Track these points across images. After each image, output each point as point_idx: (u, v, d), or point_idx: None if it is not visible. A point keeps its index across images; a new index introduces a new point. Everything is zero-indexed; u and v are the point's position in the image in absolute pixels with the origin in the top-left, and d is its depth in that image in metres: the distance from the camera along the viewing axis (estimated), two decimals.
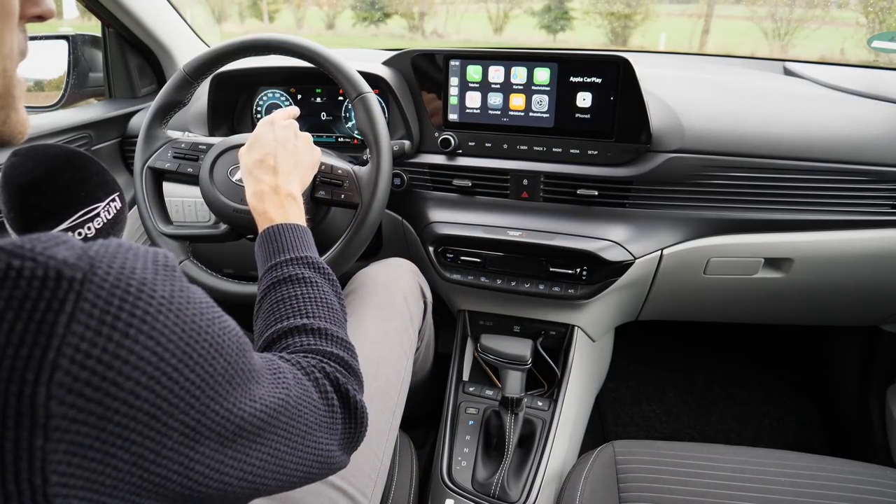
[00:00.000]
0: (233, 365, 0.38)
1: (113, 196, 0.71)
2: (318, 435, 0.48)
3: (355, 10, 10.37)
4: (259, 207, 0.71)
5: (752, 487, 0.75)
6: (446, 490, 0.93)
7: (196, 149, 0.92)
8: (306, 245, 0.67)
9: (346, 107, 1.16)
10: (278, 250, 0.65)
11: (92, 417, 0.29)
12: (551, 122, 0.99)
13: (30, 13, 0.39)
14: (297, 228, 0.68)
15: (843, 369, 1.44)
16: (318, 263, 0.65)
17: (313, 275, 0.63)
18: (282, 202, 0.71)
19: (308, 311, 0.59)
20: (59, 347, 0.28)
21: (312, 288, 0.61)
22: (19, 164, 0.65)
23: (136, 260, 0.33)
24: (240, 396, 0.39)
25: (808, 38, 6.28)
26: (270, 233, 0.67)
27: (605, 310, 1.10)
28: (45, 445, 0.28)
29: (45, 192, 0.66)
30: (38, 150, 0.67)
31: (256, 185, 0.72)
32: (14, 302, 0.28)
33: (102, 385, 0.30)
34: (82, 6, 1.18)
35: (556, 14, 9.57)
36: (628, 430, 1.49)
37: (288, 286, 0.61)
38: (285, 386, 0.45)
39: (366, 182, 0.86)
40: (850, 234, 0.97)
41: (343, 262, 0.86)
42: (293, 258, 0.63)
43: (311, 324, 0.57)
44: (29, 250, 0.29)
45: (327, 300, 0.61)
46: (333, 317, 0.60)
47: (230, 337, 0.38)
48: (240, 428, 0.39)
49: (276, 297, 0.60)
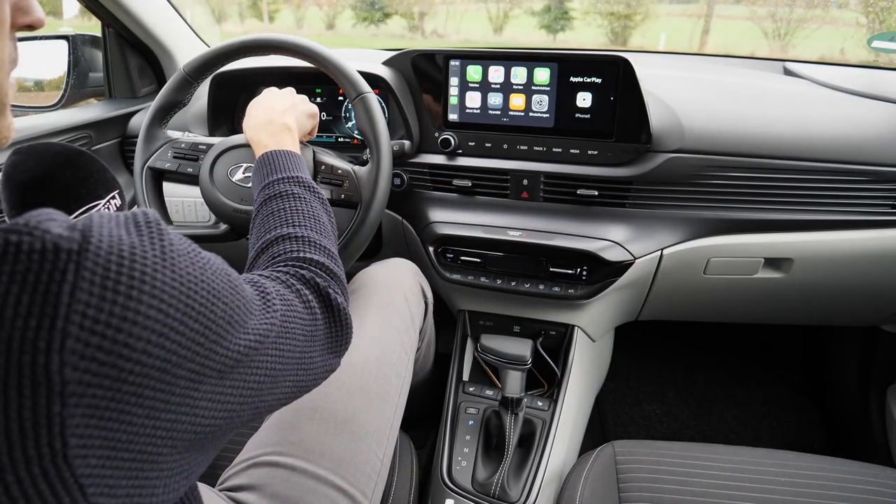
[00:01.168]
0: (230, 305, 0.39)
1: (113, 193, 0.71)
2: (303, 345, 0.50)
3: (355, 10, 10.37)
4: (255, 137, 0.78)
5: (752, 487, 0.75)
6: (446, 490, 0.93)
7: (196, 149, 0.92)
8: (298, 167, 0.71)
9: (346, 107, 1.16)
10: (271, 171, 0.69)
11: (106, 380, 0.30)
12: (551, 122, 0.99)
13: (20, 22, 0.40)
14: (289, 153, 0.73)
15: (843, 369, 1.44)
16: (306, 182, 0.69)
17: (302, 191, 0.67)
18: (275, 131, 0.77)
19: (294, 221, 0.62)
20: (66, 315, 0.29)
21: (300, 202, 0.65)
22: (20, 163, 0.66)
23: (120, 227, 0.34)
24: (236, 333, 0.40)
25: (808, 38, 6.28)
26: (265, 158, 0.72)
27: (605, 310, 1.10)
28: (63, 411, 0.29)
29: (45, 189, 0.66)
30: (39, 149, 0.67)
31: (253, 120, 0.79)
32: (17, 276, 0.29)
33: (115, 348, 0.31)
34: (82, 6, 1.18)
35: (556, 14, 9.57)
36: (628, 430, 1.49)
37: (278, 201, 0.65)
38: (272, 308, 0.47)
39: (366, 182, 0.86)
40: (850, 234, 0.97)
41: (343, 263, 0.86)
42: (284, 177, 0.68)
43: (295, 232, 0.61)
44: (24, 225, 0.30)
45: (314, 213, 0.65)
46: (318, 227, 0.64)
47: (222, 278, 0.40)
48: (237, 361, 0.40)
49: (266, 211, 0.65)
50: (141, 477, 0.33)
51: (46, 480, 0.28)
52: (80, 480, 0.29)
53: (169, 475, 0.36)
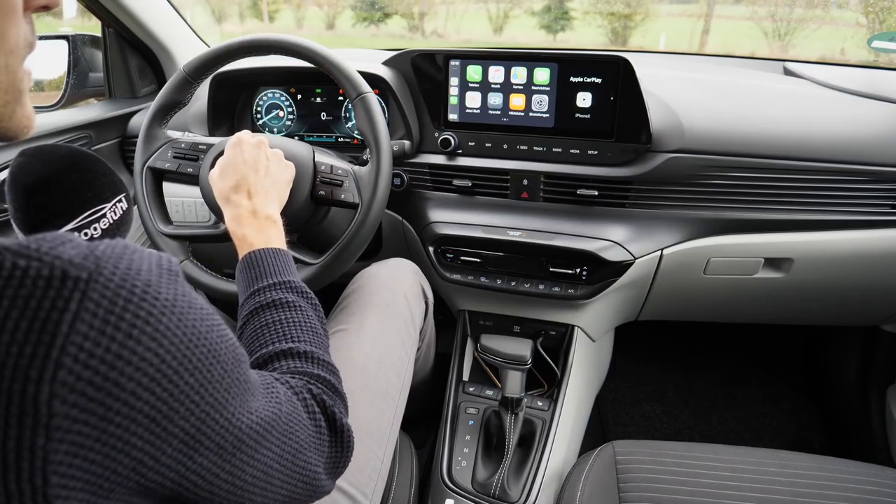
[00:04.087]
0: (230, 373, 0.38)
1: (119, 197, 0.71)
2: (308, 454, 0.48)
3: (355, 10, 10.37)
4: (238, 232, 0.70)
5: (752, 487, 0.75)
6: (446, 490, 0.93)
7: (196, 149, 0.92)
8: (288, 269, 0.66)
9: (346, 107, 1.16)
10: (260, 275, 0.64)
11: (93, 418, 0.29)
12: (551, 122, 0.99)
13: (35, 4, 0.39)
14: (278, 252, 0.68)
15: (843, 369, 1.44)
16: (300, 287, 0.65)
17: (297, 299, 0.63)
18: (261, 226, 0.70)
19: (293, 335, 0.59)
20: (62, 346, 0.28)
21: (296, 312, 0.61)
22: (26, 165, 0.66)
23: (142, 262, 0.34)
24: (238, 407, 0.39)
25: (808, 38, 6.28)
26: (251, 258, 0.66)
27: (605, 310, 1.10)
28: (47, 445, 0.28)
29: (51, 192, 0.66)
30: (46, 151, 0.67)
31: (235, 210, 0.72)
32: (19, 301, 0.28)
33: (105, 385, 0.30)
34: (82, 6, 1.18)
35: (556, 14, 9.56)
36: (628, 430, 1.49)
37: (271, 311, 0.61)
38: (277, 402, 0.46)
39: (366, 182, 0.86)
40: (850, 234, 0.97)
41: (343, 262, 0.86)
42: (275, 283, 0.63)
43: (297, 347, 0.57)
44: (35, 250, 0.29)
45: (311, 324, 0.61)
46: (317, 340, 0.60)
47: (227, 346, 0.38)
48: (237, 440, 0.39)
49: (259, 322, 0.60)
50: None
51: None
52: None
53: None
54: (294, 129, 1.19)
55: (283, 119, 1.19)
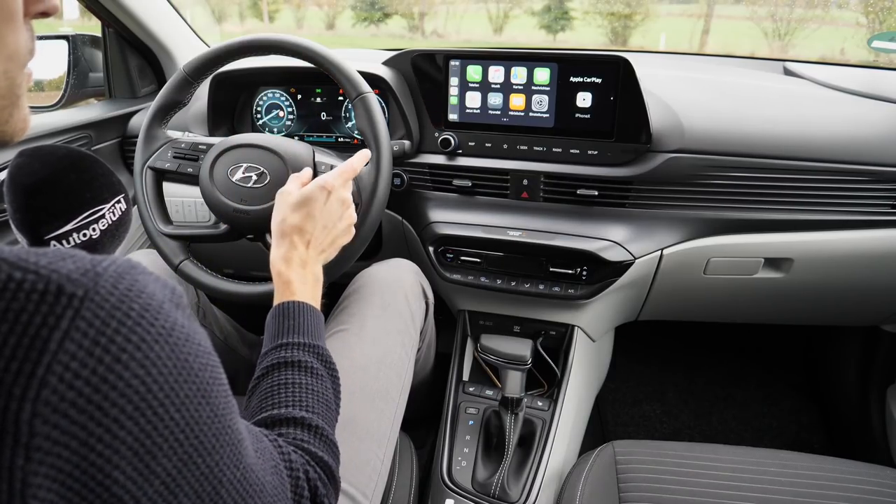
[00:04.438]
0: (219, 418, 0.36)
1: (118, 197, 0.71)
2: None
3: (355, 10, 10.38)
4: (284, 274, 0.69)
5: (752, 487, 0.75)
6: (446, 490, 0.93)
7: (196, 149, 0.92)
8: (320, 334, 0.65)
9: (346, 107, 1.16)
10: (292, 329, 0.63)
11: (74, 442, 0.28)
12: (551, 122, 0.99)
13: (34, 10, 0.38)
14: (315, 312, 0.66)
15: (843, 369, 1.44)
16: (326, 357, 0.63)
17: (320, 367, 0.61)
18: (306, 279, 0.69)
19: (308, 404, 0.57)
20: (49, 364, 0.27)
21: (317, 380, 0.60)
22: (25, 165, 0.65)
23: (146, 285, 0.32)
24: (224, 457, 0.37)
25: (808, 38, 6.28)
26: (289, 308, 0.65)
27: (605, 310, 1.10)
28: (26, 466, 0.27)
29: (50, 193, 0.66)
30: (44, 152, 0.67)
31: (289, 251, 0.70)
32: (10, 314, 0.27)
33: (87, 408, 0.28)
34: (82, 6, 1.18)
35: (556, 14, 9.57)
36: (628, 430, 1.49)
37: (293, 371, 0.59)
38: (263, 469, 0.43)
39: (366, 182, 0.86)
40: (850, 234, 0.97)
41: (343, 263, 0.86)
42: (305, 343, 0.62)
43: (310, 420, 0.56)
44: (33, 263, 0.29)
45: (327, 397, 0.60)
46: (329, 416, 0.59)
47: (220, 389, 0.37)
48: (216, 493, 0.36)
49: (279, 378, 0.59)
50: None
51: None
52: None
53: None
54: (294, 129, 1.19)
55: (283, 119, 1.19)
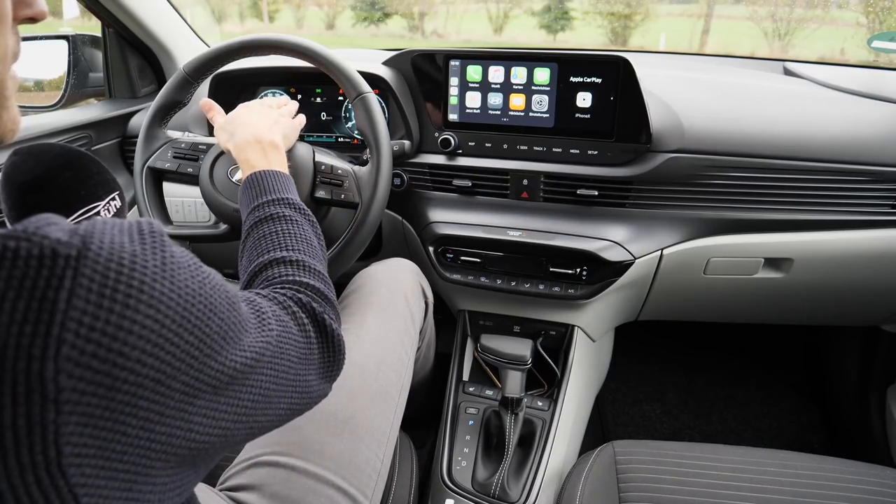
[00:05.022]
0: (225, 321, 0.39)
1: (113, 195, 0.71)
2: (298, 367, 0.50)
3: (355, 10, 10.37)
4: (242, 156, 0.75)
5: (752, 487, 0.75)
6: (446, 490, 0.93)
7: (196, 149, 0.92)
8: (287, 188, 0.70)
9: (346, 107, 1.16)
10: (261, 193, 0.68)
11: (101, 389, 0.30)
12: (551, 122, 0.99)
13: (22, 15, 0.39)
14: (278, 174, 0.72)
15: (843, 369, 1.44)
16: (297, 204, 0.68)
17: (293, 213, 0.66)
18: (264, 150, 0.75)
19: (287, 244, 0.62)
20: (62, 322, 0.29)
21: (292, 225, 0.65)
22: (20, 163, 0.66)
23: (123, 234, 0.34)
24: (232, 349, 0.40)
25: (808, 38, 6.28)
26: (253, 178, 0.70)
27: (604, 310, 1.10)
28: (58, 419, 0.28)
29: (45, 190, 0.66)
30: (39, 150, 0.67)
31: (239, 138, 0.77)
32: (14, 281, 0.29)
33: (109, 356, 0.30)
34: (82, 6, 1.18)
35: (556, 14, 9.56)
36: (628, 430, 1.49)
37: (269, 224, 0.64)
38: (269, 327, 0.47)
39: (366, 182, 0.86)
40: (850, 234, 0.97)
41: (343, 262, 0.86)
42: (274, 199, 0.67)
43: (289, 256, 0.60)
44: (22, 231, 0.30)
45: (305, 236, 0.64)
46: (310, 251, 0.63)
47: (220, 294, 0.39)
48: (231, 378, 0.40)
49: (258, 234, 0.64)
50: (135, 490, 0.33)
51: (40, 489, 0.28)
52: (74, 490, 0.29)
53: (162, 490, 0.36)
54: None
55: None
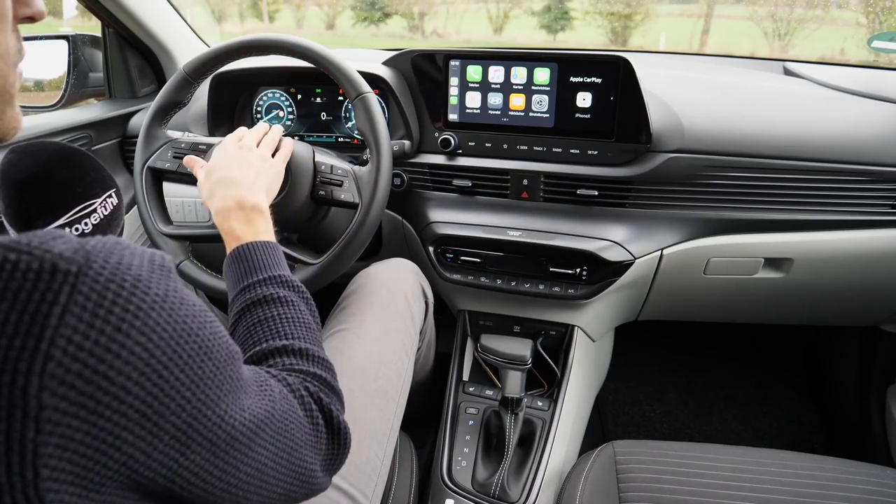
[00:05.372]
0: (221, 370, 0.38)
1: (109, 192, 0.71)
2: (303, 452, 0.48)
3: (355, 10, 10.37)
4: (225, 226, 0.68)
5: (752, 487, 0.75)
6: (446, 490, 0.93)
7: (196, 149, 0.92)
8: (278, 263, 0.65)
9: (346, 107, 1.16)
10: (250, 270, 0.63)
11: (83, 411, 0.30)
12: (551, 122, 0.99)
13: (21, 14, 0.40)
14: (267, 246, 0.66)
15: (843, 369, 1.44)
16: (291, 282, 0.63)
17: (289, 294, 0.62)
18: (248, 217, 0.68)
19: (286, 331, 0.58)
20: (52, 339, 0.29)
21: (288, 308, 0.60)
22: (16, 161, 0.66)
23: (133, 258, 0.34)
24: (230, 403, 0.39)
25: (808, 38, 6.28)
26: (240, 252, 0.65)
27: (604, 310, 1.10)
28: (37, 437, 0.28)
29: (41, 188, 0.66)
30: (35, 147, 0.67)
31: (220, 202, 0.70)
32: (9, 293, 0.28)
33: (94, 378, 0.30)
34: (82, 6, 1.18)
35: (556, 14, 9.56)
36: (628, 430, 1.49)
37: (264, 307, 0.60)
38: (271, 399, 0.46)
39: (366, 182, 0.86)
40: (850, 234, 0.97)
41: (343, 262, 0.86)
42: (266, 278, 0.62)
43: (291, 344, 0.57)
44: (25, 244, 0.30)
45: (304, 319, 0.60)
46: (311, 336, 0.60)
47: (220, 343, 0.39)
48: (230, 437, 0.39)
49: (252, 318, 0.59)
50: None
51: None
52: None
53: None
54: (294, 129, 1.19)
55: (283, 119, 1.19)
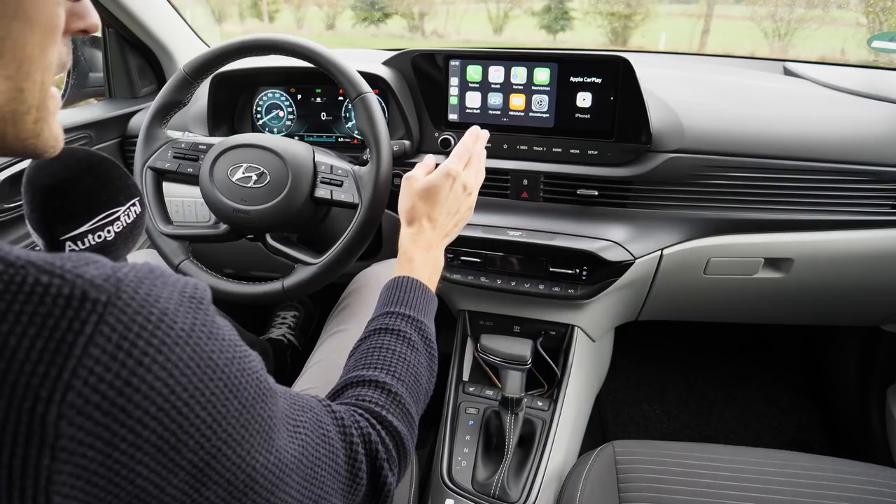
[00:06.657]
0: (248, 409, 0.37)
1: (133, 200, 0.71)
2: (333, 501, 0.46)
3: (355, 10, 10.36)
4: (409, 251, 0.71)
5: (752, 487, 0.75)
6: (446, 490, 0.93)
7: (196, 149, 0.92)
8: (429, 313, 0.66)
9: (346, 107, 1.16)
10: (402, 301, 0.64)
11: (99, 442, 0.29)
12: (551, 122, 0.99)
13: (74, 27, 0.39)
14: (428, 293, 0.68)
15: (843, 369, 1.44)
16: (428, 335, 0.64)
17: (419, 341, 0.62)
18: (428, 260, 0.71)
19: (396, 370, 0.57)
20: (74, 369, 0.28)
21: (411, 352, 0.60)
22: (43, 166, 0.66)
23: (163, 288, 0.33)
24: (256, 444, 0.37)
25: (808, 38, 6.28)
26: (404, 282, 0.67)
27: (604, 310, 1.10)
28: (52, 465, 0.28)
29: (67, 194, 0.66)
30: (63, 153, 0.67)
31: (417, 234, 0.72)
32: (37, 318, 0.28)
33: (112, 410, 0.29)
34: None
35: (556, 14, 9.56)
36: (628, 430, 1.49)
37: (391, 337, 0.60)
38: (306, 442, 0.43)
39: (366, 182, 0.86)
40: (850, 234, 0.97)
41: (343, 262, 0.86)
42: (410, 316, 0.63)
43: (392, 385, 0.55)
44: (59, 267, 0.29)
45: (417, 370, 0.59)
46: (415, 388, 0.58)
47: (249, 379, 0.37)
48: (250, 479, 0.37)
49: (376, 342, 0.60)
50: None
51: None
52: None
53: None
54: (294, 129, 1.19)
55: (283, 119, 1.19)
